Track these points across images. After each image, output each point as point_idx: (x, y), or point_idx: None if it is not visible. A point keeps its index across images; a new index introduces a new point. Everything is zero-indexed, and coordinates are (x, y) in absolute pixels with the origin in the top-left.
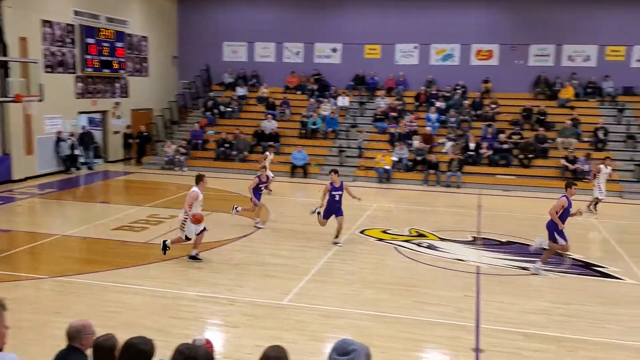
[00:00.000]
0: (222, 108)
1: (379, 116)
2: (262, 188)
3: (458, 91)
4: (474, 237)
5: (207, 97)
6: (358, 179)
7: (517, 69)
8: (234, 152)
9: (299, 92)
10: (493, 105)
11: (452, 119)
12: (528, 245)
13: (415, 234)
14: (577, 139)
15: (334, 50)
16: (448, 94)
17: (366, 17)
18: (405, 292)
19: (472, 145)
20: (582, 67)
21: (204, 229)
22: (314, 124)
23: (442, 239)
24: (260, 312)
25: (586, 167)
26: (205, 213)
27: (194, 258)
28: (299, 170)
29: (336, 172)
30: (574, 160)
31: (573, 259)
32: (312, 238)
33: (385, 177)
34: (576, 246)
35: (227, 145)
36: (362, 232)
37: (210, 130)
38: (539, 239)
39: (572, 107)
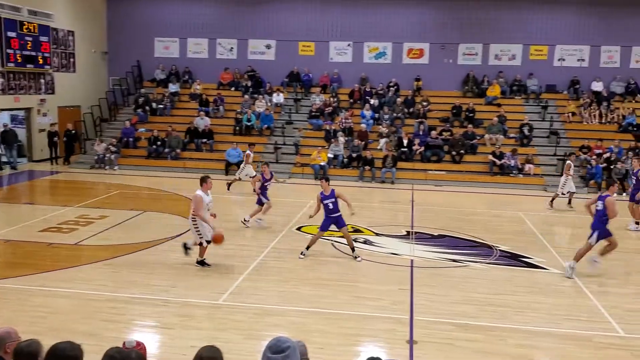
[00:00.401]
0: (154, 105)
1: (314, 113)
2: (267, 186)
3: (391, 89)
4: (407, 231)
5: (138, 93)
6: (294, 176)
7: (447, 67)
8: (166, 150)
9: (232, 89)
10: (424, 103)
11: (386, 116)
12: (459, 238)
13: (351, 229)
14: (503, 135)
15: (268, 46)
16: (381, 92)
17: (300, 14)
18: (342, 287)
19: (405, 142)
20: (508, 66)
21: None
22: (249, 120)
23: (377, 234)
24: (195, 312)
25: (512, 162)
26: (136, 213)
27: (202, 263)
28: (233, 168)
29: (326, 179)
30: (501, 156)
31: (501, 250)
32: (247, 236)
33: (321, 173)
34: (503, 238)
35: (159, 143)
36: (298, 229)
37: (141, 127)
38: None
39: (499, 105)
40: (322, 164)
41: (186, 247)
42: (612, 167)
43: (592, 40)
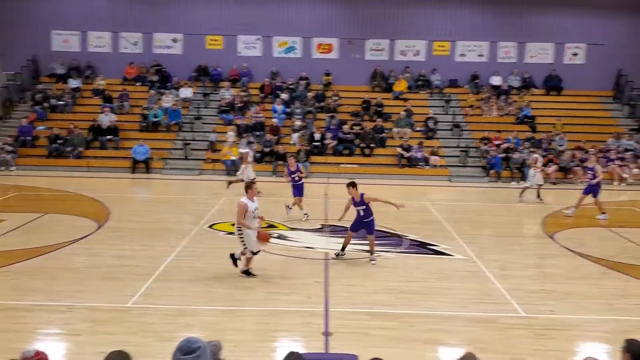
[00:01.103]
0: (53, 101)
1: (224, 108)
2: (296, 177)
3: (302, 83)
4: (322, 224)
5: (35, 89)
6: (205, 173)
7: (355, 62)
8: (69, 149)
9: (138, 84)
10: (335, 98)
11: (297, 111)
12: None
13: (265, 225)
14: (411, 129)
15: (175, 40)
16: (292, 86)
17: (207, 8)
18: (256, 283)
19: (317, 136)
20: (413, 61)
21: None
22: (156, 116)
23: (291, 229)
24: (103, 317)
25: (419, 155)
26: (36, 215)
27: (247, 273)
28: (140, 166)
29: (352, 185)
30: (408, 149)
31: (410, 239)
32: (157, 236)
33: (233, 169)
34: (413, 227)
35: (60, 141)
36: (210, 226)
37: (40, 125)
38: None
39: (405, 99)
40: (233, 159)
41: (234, 259)
42: (510, 156)
43: (491, 36)
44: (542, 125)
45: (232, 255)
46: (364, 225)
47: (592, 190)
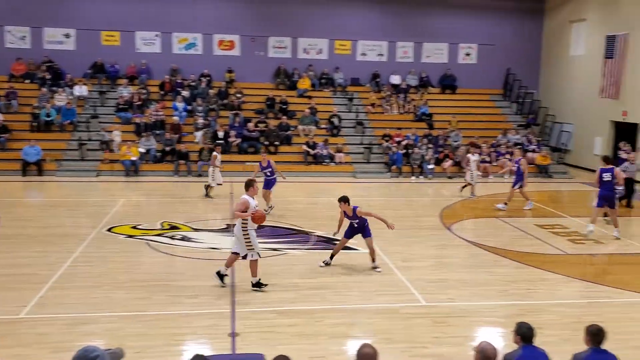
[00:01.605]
0: None
1: (122, 106)
2: (268, 173)
3: (203, 80)
4: (227, 224)
5: None
6: (102, 174)
7: (258, 59)
8: None
9: (27, 81)
10: (238, 95)
11: (200, 108)
12: (278, 227)
13: (167, 227)
14: (315, 126)
15: (67, 35)
16: (193, 83)
17: (103, 2)
18: (160, 287)
19: (220, 134)
20: (316, 60)
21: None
22: (48, 115)
23: (195, 230)
24: None
25: (324, 152)
26: None
27: (258, 285)
28: (32, 168)
29: (344, 200)
30: (314, 146)
31: (317, 235)
32: (53, 242)
33: (132, 169)
34: (319, 224)
35: None
36: (109, 230)
37: None
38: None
39: (309, 97)
40: (133, 159)
41: (221, 275)
42: (410, 153)
43: (389, 36)
44: (439, 123)
45: (218, 273)
46: (359, 231)
47: (518, 180)
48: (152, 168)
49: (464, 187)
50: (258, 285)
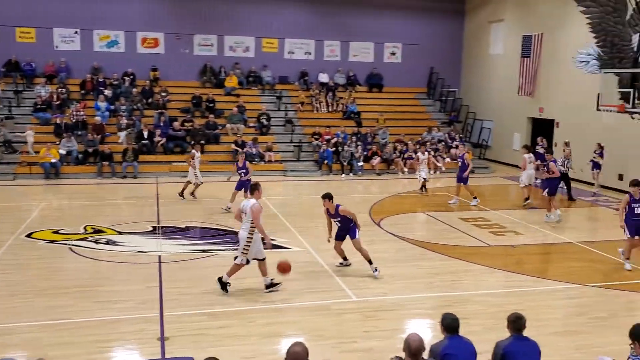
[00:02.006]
0: None
1: (40, 106)
2: (241, 174)
3: (127, 79)
4: (153, 226)
5: None
6: (19, 177)
7: (184, 57)
8: None
9: None
10: (163, 94)
11: (123, 108)
12: (207, 228)
13: (91, 230)
14: (244, 125)
15: None
16: (116, 82)
17: None
18: (84, 293)
19: (145, 134)
20: (243, 57)
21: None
22: None
23: (120, 233)
24: None
25: (254, 150)
26: None
27: (272, 285)
28: None
29: (328, 197)
30: (243, 144)
31: None
32: None
33: (53, 172)
34: None
35: None
36: (28, 235)
37: None
38: None
39: (237, 95)
40: (53, 161)
41: (223, 283)
42: (339, 150)
43: (317, 35)
44: (367, 120)
45: (220, 280)
46: (347, 233)
47: (462, 177)
48: (74, 170)
49: (423, 185)
50: (224, 285)
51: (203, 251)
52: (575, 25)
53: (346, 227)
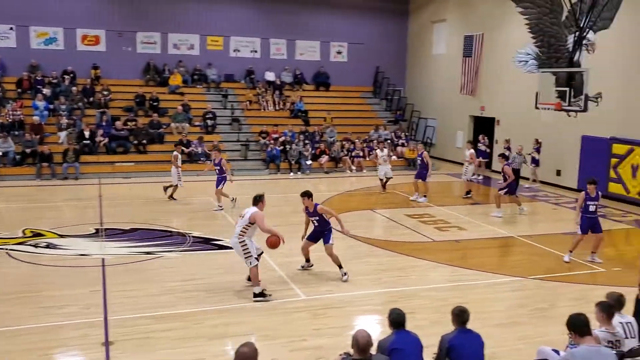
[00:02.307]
0: None
1: None
2: (216, 170)
3: (66, 77)
4: (96, 229)
5: None
6: None
7: (126, 55)
8: None
9: None
10: (105, 92)
11: (63, 107)
12: (152, 229)
13: (30, 234)
14: (189, 124)
15: None
16: (55, 80)
17: None
18: (24, 299)
19: (87, 134)
20: (188, 55)
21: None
22: None
23: (62, 236)
24: None
25: (199, 150)
26: None
27: (262, 295)
28: None
29: (307, 195)
30: (188, 144)
31: (194, 236)
32: None
33: None
34: (195, 224)
35: None
36: None
37: None
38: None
39: (182, 94)
40: None
41: (262, 295)
42: (287, 149)
43: (262, 33)
44: (314, 119)
45: (260, 294)
46: (322, 235)
47: (422, 175)
48: (11, 172)
49: (385, 183)
50: (262, 295)
51: (148, 253)
52: (514, 25)
53: (322, 229)
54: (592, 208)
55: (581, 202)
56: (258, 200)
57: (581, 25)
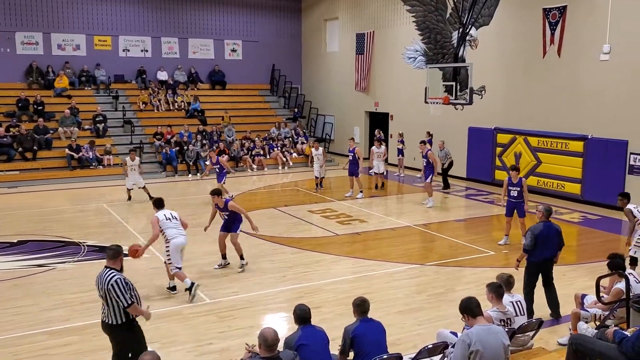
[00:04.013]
0: None
1: None
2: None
3: None
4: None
5: None
6: None
7: (5, 57)
8: None
9: None
10: None
11: None
12: (43, 240)
13: None
14: (78, 128)
15: None
16: None
17: None
18: None
19: None
20: (74, 56)
21: None
22: None
23: None
24: None
25: (90, 155)
26: None
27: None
28: None
29: (218, 193)
30: (78, 149)
31: (89, 245)
32: None
33: None
34: (91, 232)
35: None
36: None
37: None
38: None
39: (69, 96)
40: None
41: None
42: (184, 150)
43: (153, 32)
44: (212, 118)
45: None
46: (231, 225)
47: (354, 171)
48: None
49: (320, 181)
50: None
51: (40, 266)
52: (403, 23)
53: (232, 220)
54: (513, 193)
55: (505, 188)
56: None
57: (464, 22)
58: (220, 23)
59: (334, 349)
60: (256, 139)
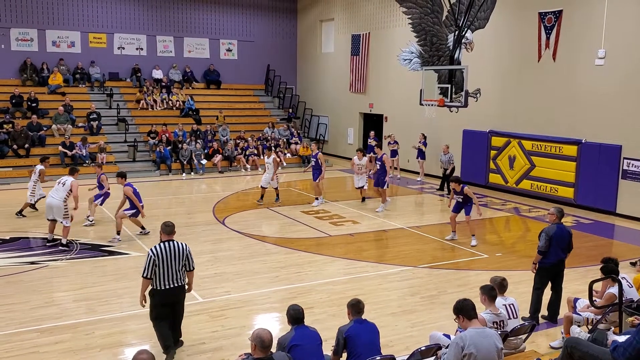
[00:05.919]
0: None
1: None
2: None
3: None
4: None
5: None
6: None
7: (0, 53)
8: None
9: None
10: None
11: None
12: (36, 238)
13: None
14: (72, 125)
15: None
16: None
17: None
18: None
19: None
20: (69, 53)
21: None
22: None
23: None
24: None
25: (84, 152)
26: None
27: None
28: None
29: (122, 176)
30: (71, 146)
31: (81, 243)
32: None
33: None
34: (82, 230)
35: None
36: None
37: None
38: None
39: (63, 94)
40: None
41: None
42: (179, 149)
43: (148, 30)
44: (206, 118)
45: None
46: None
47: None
48: None
49: (273, 193)
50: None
51: (32, 263)
52: (399, 25)
53: (131, 207)
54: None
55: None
56: (75, 170)
57: (460, 24)
58: (216, 22)
59: (327, 349)
60: (249, 138)
